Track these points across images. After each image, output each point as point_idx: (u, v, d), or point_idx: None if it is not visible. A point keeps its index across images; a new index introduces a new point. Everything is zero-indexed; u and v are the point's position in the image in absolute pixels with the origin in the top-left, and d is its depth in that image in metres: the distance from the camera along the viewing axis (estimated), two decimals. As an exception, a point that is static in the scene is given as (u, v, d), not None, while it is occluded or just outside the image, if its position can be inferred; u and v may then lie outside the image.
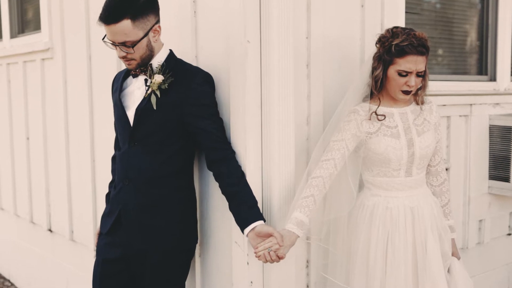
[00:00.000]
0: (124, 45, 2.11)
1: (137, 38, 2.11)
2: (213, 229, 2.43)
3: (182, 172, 2.30)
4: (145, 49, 2.16)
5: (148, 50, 2.17)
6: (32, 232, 4.18)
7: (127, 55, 2.15)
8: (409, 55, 2.16)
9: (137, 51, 2.14)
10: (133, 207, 2.26)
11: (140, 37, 2.11)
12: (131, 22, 2.08)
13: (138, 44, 2.12)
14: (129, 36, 2.09)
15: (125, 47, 2.12)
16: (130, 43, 2.11)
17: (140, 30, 2.11)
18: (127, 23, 2.07)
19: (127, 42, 2.11)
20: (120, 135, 2.35)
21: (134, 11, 2.07)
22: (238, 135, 2.22)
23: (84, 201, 3.41)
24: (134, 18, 2.08)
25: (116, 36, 2.10)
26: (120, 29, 2.07)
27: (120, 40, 2.10)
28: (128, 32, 2.08)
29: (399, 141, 2.24)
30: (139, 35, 2.11)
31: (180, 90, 2.18)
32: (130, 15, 2.06)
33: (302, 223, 2.10)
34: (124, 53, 2.14)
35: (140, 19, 2.10)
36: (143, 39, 2.13)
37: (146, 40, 2.14)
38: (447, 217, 2.42)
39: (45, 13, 3.67)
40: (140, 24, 2.10)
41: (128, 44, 2.11)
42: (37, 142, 3.94)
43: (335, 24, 2.47)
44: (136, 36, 2.11)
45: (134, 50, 2.12)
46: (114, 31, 2.09)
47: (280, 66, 2.19)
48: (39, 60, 3.79)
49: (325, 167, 2.18)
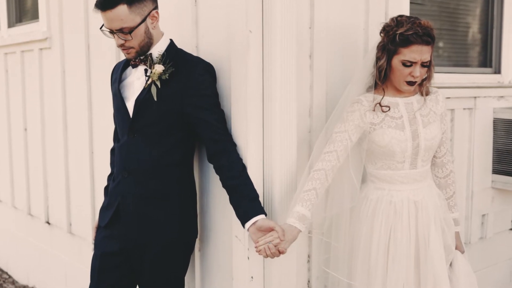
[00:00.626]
0: (122, 32, 2.08)
1: (134, 24, 2.07)
2: (213, 223, 2.41)
3: (182, 164, 2.27)
4: (143, 36, 2.12)
5: (146, 37, 2.14)
6: (30, 224, 4.17)
7: (125, 43, 2.11)
8: (414, 45, 2.11)
9: (135, 38, 2.10)
10: (132, 199, 2.23)
11: (137, 23, 2.08)
12: (127, 7, 2.05)
13: (136, 30, 2.09)
14: (126, 22, 2.06)
15: (122, 34, 2.08)
16: (128, 30, 2.07)
17: (137, 16, 2.08)
18: (123, 9, 2.04)
19: (124, 28, 2.07)
20: (119, 127, 2.32)
21: None
22: (239, 127, 2.19)
23: (83, 193, 3.38)
24: (130, 3, 2.05)
25: (112, 23, 2.06)
26: (116, 15, 2.04)
27: (117, 26, 2.07)
28: (124, 17, 2.05)
29: (404, 132, 2.20)
30: (136, 21, 2.08)
31: (181, 81, 2.14)
32: (126, 0, 2.03)
33: (304, 217, 2.07)
34: (122, 41, 2.11)
35: (137, 3, 2.06)
36: (141, 25, 2.10)
37: (144, 26, 2.11)
38: (451, 210, 2.39)
39: (43, 2, 3.64)
40: (136, 10, 2.07)
41: (125, 30, 2.08)
42: (35, 133, 3.91)
43: (339, 13, 2.43)
44: (133, 22, 2.07)
45: (131, 37, 2.09)
46: (110, 18, 2.05)
47: (282, 56, 2.16)
48: (37, 50, 3.76)
49: (328, 160, 2.15)
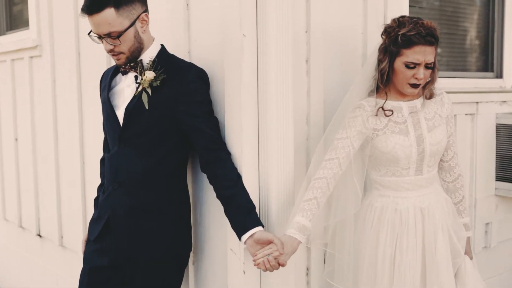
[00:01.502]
0: (110, 37, 2.00)
1: (122, 28, 2.00)
2: (207, 235, 2.34)
3: (175, 174, 2.20)
4: (133, 41, 2.05)
5: (136, 42, 2.06)
6: (21, 237, 4.11)
7: (115, 48, 2.04)
8: (417, 46, 2.05)
9: (124, 43, 2.03)
10: (123, 212, 2.16)
11: (125, 26, 2.00)
12: (115, 11, 1.97)
13: (125, 34, 2.01)
14: (114, 26, 1.98)
15: (111, 39, 2.01)
16: (116, 34, 2.00)
17: (126, 19, 2.00)
18: (111, 12, 1.96)
19: (112, 33, 1.99)
20: (109, 136, 2.24)
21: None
22: (233, 135, 2.13)
23: (74, 205, 3.32)
24: (117, 6, 1.97)
25: (100, 27, 1.99)
26: (104, 19, 1.96)
27: (105, 31, 1.99)
28: (112, 21, 1.97)
29: (408, 138, 2.14)
30: (124, 25, 2.00)
31: (173, 87, 2.07)
32: (113, 3, 1.96)
33: (304, 228, 2.00)
34: (111, 46, 2.03)
35: (125, 7, 1.99)
36: (130, 29, 2.02)
37: (133, 30, 2.03)
38: (461, 214, 2.32)
39: (33, 9, 3.60)
40: (125, 13, 1.99)
41: (113, 35, 2.00)
42: (26, 143, 3.86)
43: (336, 16, 2.38)
44: (121, 26, 2.00)
45: (120, 41, 2.01)
46: (97, 22, 1.98)
47: (278, 62, 2.10)
48: (27, 58, 3.71)
49: (329, 167, 2.09)
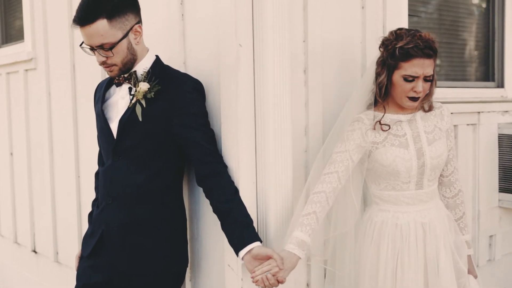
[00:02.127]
0: (102, 48, 1.96)
1: (115, 39, 1.96)
2: (204, 251, 2.29)
3: (170, 188, 2.15)
4: (126, 53, 2.01)
5: (129, 53, 2.02)
6: (17, 253, 4.06)
7: (107, 60, 2.00)
8: (415, 58, 2.03)
9: (117, 55, 1.98)
10: (117, 227, 2.11)
11: (118, 38, 1.96)
12: (107, 22, 1.93)
13: (118, 46, 1.97)
14: (106, 38, 1.94)
15: (103, 51, 1.97)
16: (108, 46, 1.96)
17: (118, 31, 1.96)
18: (103, 23, 1.92)
19: (104, 44, 1.95)
20: (103, 149, 2.21)
21: (109, 10, 1.92)
22: (230, 147, 2.09)
23: (69, 220, 3.28)
24: (110, 17, 1.93)
25: (92, 39, 1.94)
26: (96, 30, 1.92)
27: (97, 42, 1.95)
28: (104, 33, 1.93)
29: (408, 151, 2.11)
30: (117, 36, 1.96)
31: (168, 99, 2.04)
32: (105, 14, 1.92)
33: (303, 243, 1.96)
34: (103, 58, 1.99)
35: (117, 18, 1.95)
36: (123, 41, 1.98)
37: (126, 41, 1.99)
38: (462, 231, 2.28)
39: (28, 22, 3.58)
40: (117, 24, 1.95)
41: (106, 46, 1.96)
42: (21, 158, 3.83)
43: (334, 26, 2.36)
44: (114, 37, 1.95)
45: (113, 53, 1.97)
46: (89, 33, 1.94)
47: (275, 72, 2.07)
48: (22, 71, 3.69)
49: (328, 181, 2.05)
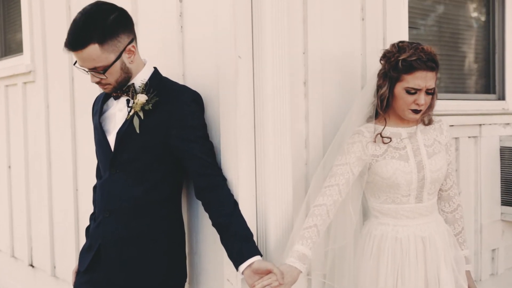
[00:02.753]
0: (96, 71, 1.95)
1: (108, 62, 1.93)
2: (203, 265, 2.26)
3: (168, 201, 2.13)
4: (119, 73, 1.99)
5: (123, 73, 2.00)
6: (14, 267, 4.02)
7: (101, 81, 1.99)
8: (418, 71, 2.02)
9: (110, 76, 1.97)
10: (115, 241, 2.08)
11: (111, 61, 1.94)
12: (99, 46, 1.90)
13: (111, 68, 1.95)
14: (99, 62, 1.92)
15: (97, 73, 1.95)
16: (102, 69, 1.94)
17: (111, 54, 1.93)
18: (95, 48, 1.89)
19: (98, 67, 1.94)
20: (101, 162, 2.18)
21: (100, 34, 1.89)
22: (229, 160, 2.07)
23: (67, 234, 3.25)
24: (102, 42, 1.90)
25: (85, 63, 1.93)
26: (88, 55, 1.90)
27: (90, 66, 1.93)
28: (96, 57, 1.91)
29: (408, 164, 2.10)
30: (110, 59, 1.94)
31: (166, 111, 2.02)
32: (96, 38, 1.89)
33: (304, 257, 1.94)
34: (97, 79, 1.98)
35: (109, 41, 1.92)
36: (116, 62, 1.96)
37: (119, 63, 1.97)
38: (461, 246, 2.26)
39: (27, 35, 3.57)
40: (110, 47, 1.92)
41: (99, 69, 1.94)
42: (19, 171, 3.80)
43: (334, 38, 2.35)
44: (107, 60, 1.93)
45: (106, 75, 1.95)
46: (82, 58, 1.92)
47: (274, 84, 2.06)
48: (21, 84, 3.68)
49: (329, 194, 2.04)
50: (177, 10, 2.27)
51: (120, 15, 1.96)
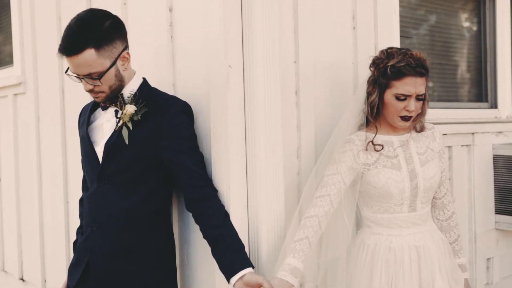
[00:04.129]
0: (90, 77, 1.92)
1: (103, 68, 1.91)
2: (195, 278, 2.23)
3: (158, 213, 2.10)
4: (113, 80, 1.97)
5: (117, 80, 1.98)
6: (4, 281, 3.96)
7: (95, 88, 1.96)
8: (407, 77, 2.02)
9: (105, 83, 1.94)
10: (103, 255, 2.04)
11: (107, 67, 1.92)
12: (95, 51, 1.88)
13: (106, 75, 1.92)
14: (95, 67, 1.89)
15: (91, 80, 1.92)
16: (97, 75, 1.91)
17: (107, 59, 1.91)
18: (91, 53, 1.87)
19: (93, 74, 1.91)
20: (87, 174, 2.15)
21: (97, 39, 1.87)
22: (220, 171, 2.05)
23: (57, 247, 3.21)
24: (98, 47, 1.88)
25: (80, 69, 1.90)
26: (84, 61, 1.87)
27: (85, 72, 1.90)
28: (92, 63, 1.88)
29: (400, 172, 2.08)
30: (105, 65, 1.91)
31: (155, 122, 2.00)
32: (93, 43, 1.87)
33: (296, 270, 1.91)
34: (91, 86, 1.95)
35: (105, 46, 1.90)
36: (111, 69, 1.93)
37: (114, 69, 1.95)
38: (457, 254, 2.24)
39: (18, 47, 3.54)
40: (105, 53, 1.90)
41: (94, 76, 1.91)
42: (9, 183, 3.77)
43: (326, 47, 2.34)
44: (102, 66, 1.91)
45: (101, 82, 1.92)
46: (77, 63, 1.88)
47: (266, 94, 2.05)
48: (11, 95, 3.65)
49: (320, 205, 2.01)
50: (167, 19, 2.26)
51: (115, 22, 1.95)
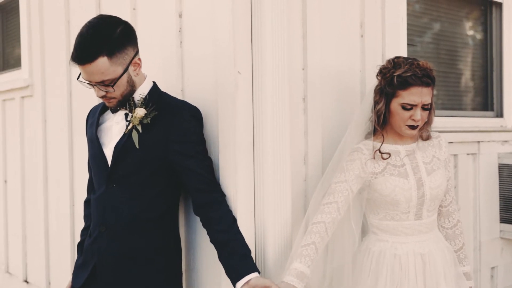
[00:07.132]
0: (103, 84, 1.93)
1: (116, 75, 1.92)
2: (201, 282, 2.23)
3: (166, 216, 2.11)
4: (125, 86, 1.98)
5: (129, 86, 1.99)
6: (8, 283, 3.96)
7: (107, 94, 1.97)
8: (413, 87, 2.02)
9: (117, 89, 1.95)
10: (111, 258, 2.05)
11: (119, 73, 1.93)
12: (108, 59, 1.88)
13: (118, 81, 1.93)
14: (107, 75, 1.90)
15: (104, 86, 1.93)
16: (109, 82, 1.92)
17: (119, 66, 1.92)
18: (104, 61, 1.88)
19: (105, 81, 1.91)
20: (95, 176, 2.15)
21: (110, 46, 1.88)
22: (228, 176, 2.06)
23: (62, 249, 3.21)
24: (111, 54, 1.89)
25: (92, 76, 1.90)
26: (97, 68, 1.88)
27: (98, 79, 1.91)
28: (105, 70, 1.89)
29: (408, 180, 2.08)
30: (118, 72, 1.92)
31: (164, 126, 2.00)
32: (106, 51, 1.87)
33: (302, 275, 1.91)
34: (103, 93, 1.96)
35: (118, 54, 1.91)
36: (123, 75, 1.94)
37: (126, 75, 1.96)
38: (462, 263, 2.24)
39: (26, 50, 3.56)
40: (118, 60, 1.91)
41: (107, 83, 1.92)
42: (15, 186, 3.77)
43: (334, 54, 2.35)
44: (115, 73, 1.92)
45: (114, 88, 1.93)
46: (90, 71, 1.89)
47: (274, 100, 2.05)
48: (19, 98, 3.66)
49: (327, 211, 2.02)
50: (177, 25, 2.27)
51: (126, 28, 1.96)
